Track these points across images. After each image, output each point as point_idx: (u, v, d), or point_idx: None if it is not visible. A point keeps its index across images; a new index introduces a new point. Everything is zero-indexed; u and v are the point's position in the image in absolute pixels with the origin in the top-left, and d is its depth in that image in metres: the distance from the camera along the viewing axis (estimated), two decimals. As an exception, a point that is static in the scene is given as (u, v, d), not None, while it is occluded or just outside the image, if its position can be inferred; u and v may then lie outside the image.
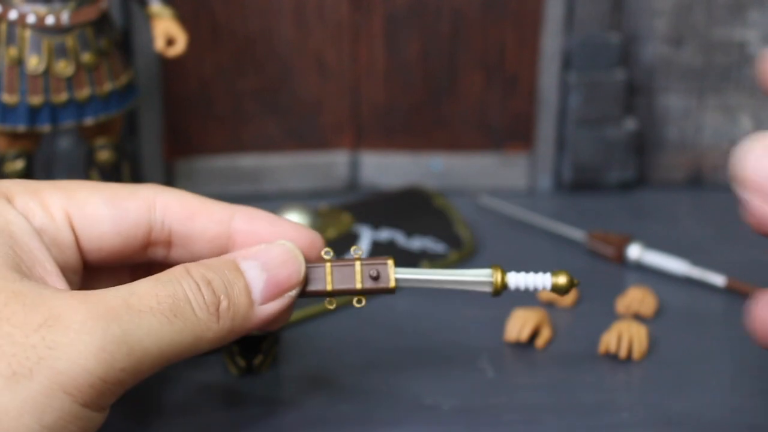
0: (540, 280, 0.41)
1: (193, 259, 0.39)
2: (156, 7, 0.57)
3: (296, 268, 0.38)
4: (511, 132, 0.70)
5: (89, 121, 0.55)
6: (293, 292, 0.38)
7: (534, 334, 0.51)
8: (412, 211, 0.63)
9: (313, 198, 0.68)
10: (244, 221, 0.40)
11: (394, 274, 0.40)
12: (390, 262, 0.40)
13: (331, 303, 0.40)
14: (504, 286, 0.40)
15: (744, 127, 0.70)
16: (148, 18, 0.57)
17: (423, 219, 0.62)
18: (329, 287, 0.39)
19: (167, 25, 0.56)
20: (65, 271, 0.38)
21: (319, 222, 0.59)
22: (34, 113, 0.54)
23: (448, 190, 0.69)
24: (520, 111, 0.69)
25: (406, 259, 0.58)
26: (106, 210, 0.39)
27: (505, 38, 0.68)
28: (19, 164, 0.55)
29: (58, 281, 0.37)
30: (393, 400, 0.46)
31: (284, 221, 0.41)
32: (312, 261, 0.40)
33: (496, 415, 0.45)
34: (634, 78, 0.69)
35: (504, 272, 0.40)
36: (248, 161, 0.69)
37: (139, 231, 0.39)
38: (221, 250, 0.40)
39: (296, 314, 0.53)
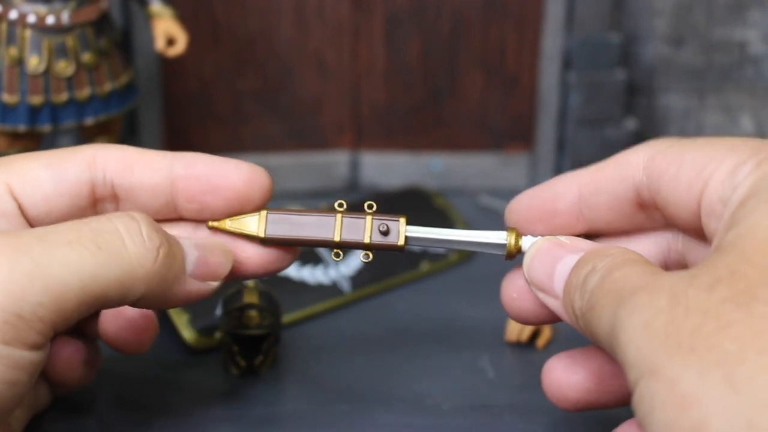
0: None
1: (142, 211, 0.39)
2: (156, 7, 0.57)
3: (225, 260, 0.39)
4: (511, 132, 0.70)
5: (89, 121, 0.55)
6: (215, 283, 0.38)
7: (534, 335, 0.51)
8: (412, 211, 0.63)
9: (313, 198, 0.68)
10: (183, 166, 0.39)
11: (405, 231, 0.40)
12: (402, 219, 0.40)
13: (337, 255, 0.40)
14: (518, 249, 0.40)
15: (744, 127, 0.70)
16: (148, 18, 0.57)
17: (423, 219, 0.62)
18: (337, 238, 0.39)
19: (167, 25, 0.56)
20: None
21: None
22: (34, 113, 0.54)
23: (448, 190, 0.69)
24: (520, 111, 0.69)
25: (407, 258, 0.58)
26: (45, 173, 0.38)
27: (506, 38, 0.68)
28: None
29: None
30: (393, 401, 0.46)
31: (223, 160, 0.40)
32: (255, 199, 0.39)
33: (496, 415, 0.45)
34: (634, 78, 0.69)
35: (519, 235, 0.40)
36: (248, 161, 0.69)
37: (82, 189, 0.39)
38: (166, 199, 0.39)
39: (296, 314, 0.53)
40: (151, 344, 0.42)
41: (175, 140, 0.68)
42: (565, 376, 0.38)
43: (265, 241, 0.39)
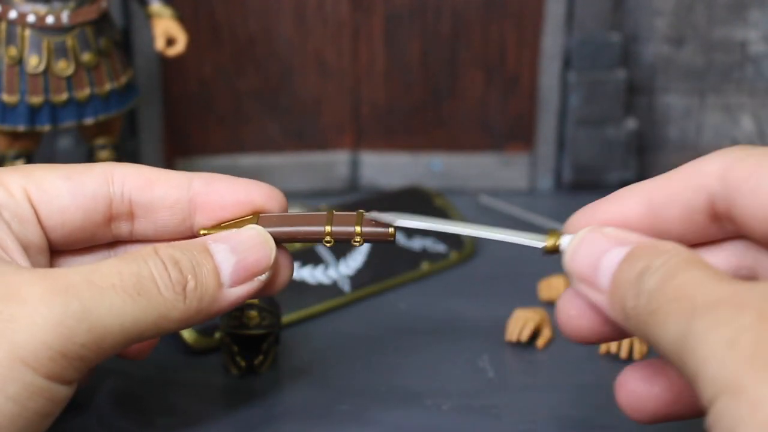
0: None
1: (157, 230, 0.40)
2: (156, 6, 0.57)
3: (266, 253, 0.38)
4: (511, 132, 0.70)
5: (89, 121, 0.55)
6: (263, 276, 0.38)
7: (534, 335, 0.51)
8: (412, 211, 0.63)
9: (313, 198, 0.68)
10: (202, 184, 0.40)
11: (398, 222, 0.40)
12: (391, 230, 0.40)
13: (328, 242, 0.40)
14: (557, 247, 0.38)
15: (745, 127, 0.70)
16: (148, 18, 0.57)
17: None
18: (328, 229, 0.40)
19: (167, 25, 0.56)
20: (30, 250, 0.38)
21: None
22: (34, 113, 0.54)
23: (448, 190, 0.69)
24: (520, 111, 0.69)
25: (408, 258, 0.58)
26: (63, 184, 0.39)
27: (506, 38, 0.68)
28: (18, 164, 0.55)
29: (20, 258, 0.37)
30: (393, 400, 0.46)
31: (242, 180, 0.41)
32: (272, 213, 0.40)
33: (496, 415, 0.45)
34: (634, 78, 0.69)
35: (560, 235, 0.38)
36: (248, 161, 0.69)
37: (99, 204, 0.39)
38: (183, 216, 0.40)
39: (296, 314, 0.53)
40: (152, 350, 0.43)
41: (175, 140, 0.68)
42: (643, 388, 0.37)
43: None
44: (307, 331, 0.52)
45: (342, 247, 0.58)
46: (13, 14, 0.52)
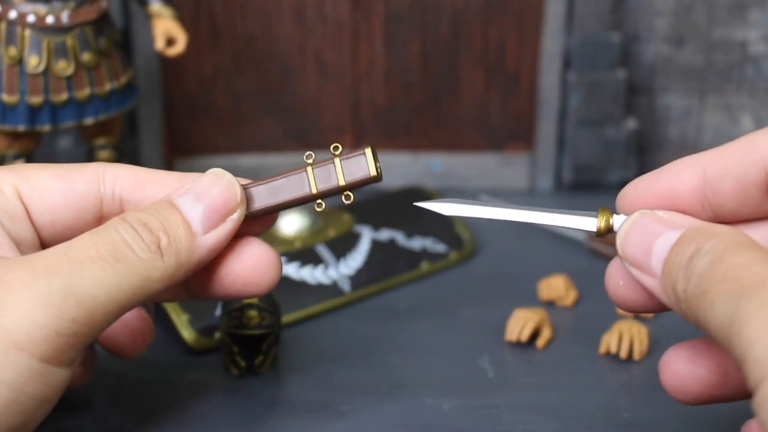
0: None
1: None
2: (156, 6, 0.57)
3: (232, 191, 0.38)
4: (511, 132, 0.70)
5: (89, 120, 0.55)
6: (235, 215, 0.38)
7: (534, 334, 0.51)
8: (412, 211, 0.63)
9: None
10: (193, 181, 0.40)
11: (376, 161, 0.39)
12: (367, 150, 0.39)
13: (320, 206, 0.40)
14: (609, 228, 0.37)
15: (745, 127, 0.70)
16: (148, 18, 0.57)
17: (423, 219, 0.62)
18: (314, 190, 0.39)
19: (167, 25, 0.56)
20: (22, 247, 0.38)
21: (319, 222, 0.59)
22: (34, 113, 0.54)
23: (448, 190, 0.69)
24: (520, 111, 0.69)
25: (408, 258, 0.58)
26: (55, 183, 0.39)
27: (506, 38, 0.68)
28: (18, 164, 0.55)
29: (10, 251, 0.37)
30: (393, 400, 0.46)
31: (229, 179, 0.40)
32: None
33: (496, 415, 0.45)
34: (634, 78, 0.69)
35: (611, 213, 0.37)
36: (248, 161, 0.69)
37: (90, 203, 0.39)
38: None
39: (296, 314, 0.53)
40: (146, 348, 0.43)
41: (175, 140, 0.68)
42: (688, 369, 0.36)
43: (249, 216, 0.39)
44: (307, 331, 0.52)
45: (342, 247, 0.58)
46: (13, 14, 0.52)
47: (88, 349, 0.42)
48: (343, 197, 0.40)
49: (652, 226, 0.35)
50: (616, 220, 0.37)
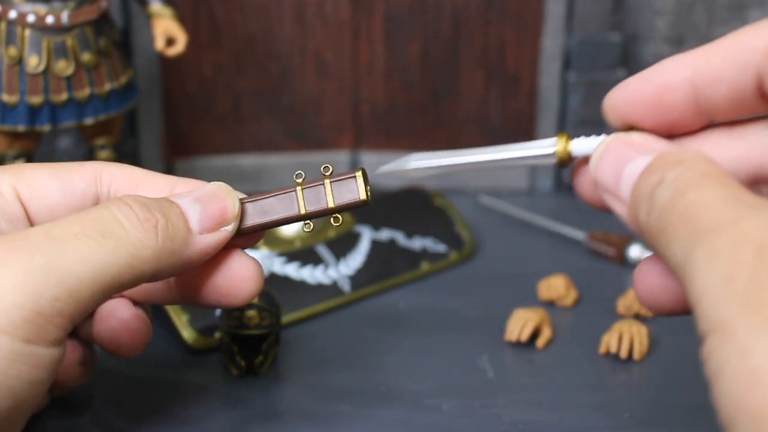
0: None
1: None
2: (156, 6, 0.57)
3: (230, 202, 0.38)
4: (511, 132, 0.70)
5: (89, 120, 0.55)
6: (230, 227, 0.38)
7: (534, 334, 0.51)
8: (412, 211, 0.63)
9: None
10: (184, 188, 0.40)
11: (366, 184, 0.39)
12: (358, 174, 0.39)
13: (308, 226, 0.40)
14: (569, 155, 0.37)
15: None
16: (148, 18, 0.57)
17: (423, 219, 0.62)
18: (302, 211, 0.39)
19: (167, 25, 0.56)
20: None
21: (319, 222, 0.59)
22: (34, 113, 0.54)
23: (448, 190, 0.69)
24: (520, 111, 0.69)
25: (408, 258, 0.58)
26: (53, 182, 0.39)
27: (506, 38, 0.68)
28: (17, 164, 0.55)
29: None
30: (393, 400, 0.46)
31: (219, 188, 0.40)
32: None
33: (496, 415, 0.45)
34: (634, 78, 0.69)
35: (569, 138, 0.36)
36: (248, 161, 0.69)
37: (87, 202, 0.39)
38: None
39: (296, 314, 0.53)
40: (144, 348, 0.42)
41: (175, 140, 0.68)
42: (660, 282, 0.35)
43: (237, 233, 0.39)
44: (307, 331, 0.52)
45: (342, 247, 0.58)
46: (13, 14, 0.52)
47: (88, 349, 0.42)
48: (332, 219, 0.39)
49: (623, 150, 0.34)
50: (575, 145, 0.37)
